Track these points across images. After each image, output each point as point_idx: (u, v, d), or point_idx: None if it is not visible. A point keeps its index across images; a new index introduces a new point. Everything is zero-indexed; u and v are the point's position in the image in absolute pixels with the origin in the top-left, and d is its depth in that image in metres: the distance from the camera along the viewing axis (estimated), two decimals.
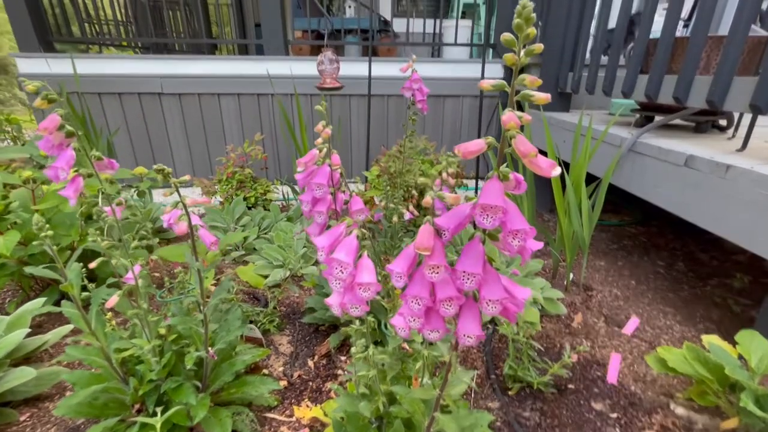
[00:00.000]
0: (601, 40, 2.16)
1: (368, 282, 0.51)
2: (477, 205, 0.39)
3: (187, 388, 0.84)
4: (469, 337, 0.47)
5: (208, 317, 0.84)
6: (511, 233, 0.41)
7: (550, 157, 1.85)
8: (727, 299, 1.72)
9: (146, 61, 3.25)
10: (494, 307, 0.45)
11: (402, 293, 0.47)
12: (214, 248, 0.75)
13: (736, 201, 1.29)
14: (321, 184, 0.67)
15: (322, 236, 0.54)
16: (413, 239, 0.50)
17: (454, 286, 0.45)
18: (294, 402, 1.11)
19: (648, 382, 1.25)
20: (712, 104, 1.47)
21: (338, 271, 0.51)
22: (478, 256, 0.43)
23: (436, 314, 0.48)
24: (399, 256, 0.48)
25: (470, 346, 0.47)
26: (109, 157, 0.80)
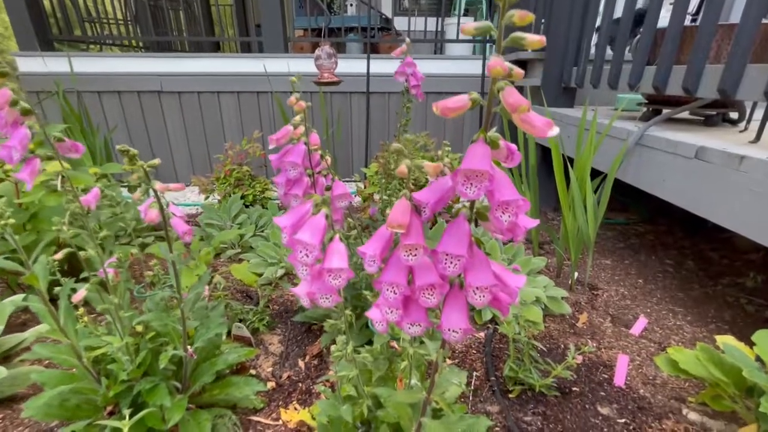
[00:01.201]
0: (606, 33, 2.10)
1: (338, 268, 0.45)
2: (459, 171, 0.34)
3: (162, 389, 0.79)
4: (454, 332, 0.41)
5: (185, 313, 0.79)
6: (499, 206, 0.35)
7: (554, 154, 1.79)
8: (740, 299, 1.65)
9: (146, 60, 3.23)
10: (482, 295, 0.39)
11: (376, 280, 0.41)
12: (187, 238, 0.70)
13: (751, 194, 1.22)
14: (295, 163, 0.61)
15: (284, 215, 0.48)
16: None
17: (436, 271, 0.39)
18: (281, 404, 1.05)
19: (658, 385, 1.18)
20: (724, 93, 1.41)
21: (303, 254, 0.45)
22: (463, 236, 0.37)
23: (416, 305, 0.42)
24: (372, 237, 0.42)
25: (457, 341, 0.41)
26: (106, 155, 0.75)
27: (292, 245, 0.45)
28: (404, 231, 0.37)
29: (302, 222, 0.47)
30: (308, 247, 0.44)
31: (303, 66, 3.14)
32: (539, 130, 0.31)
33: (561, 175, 1.71)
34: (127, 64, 3.20)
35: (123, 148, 0.58)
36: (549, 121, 0.30)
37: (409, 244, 0.38)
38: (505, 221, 0.35)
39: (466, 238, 0.38)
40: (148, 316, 0.79)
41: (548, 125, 0.30)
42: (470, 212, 0.38)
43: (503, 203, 0.35)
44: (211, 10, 5.85)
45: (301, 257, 0.45)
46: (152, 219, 0.64)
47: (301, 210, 0.48)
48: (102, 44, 4.18)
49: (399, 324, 0.44)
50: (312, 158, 0.63)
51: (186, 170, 3.45)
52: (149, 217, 0.64)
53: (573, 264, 1.69)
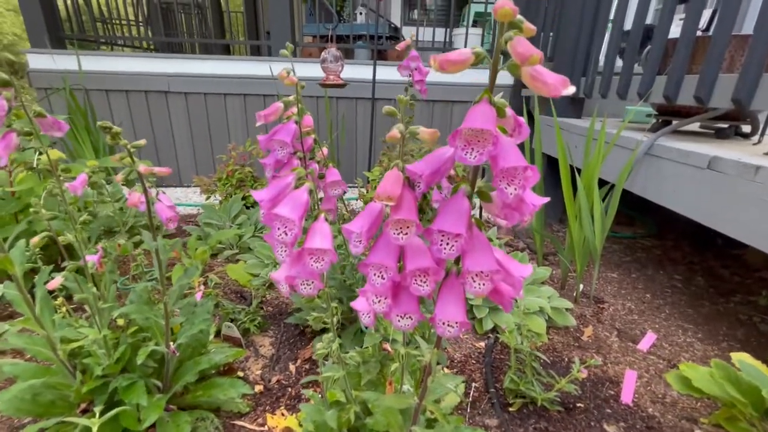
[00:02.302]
0: (616, 43, 2.07)
1: (320, 248, 0.41)
2: (458, 132, 0.30)
3: (139, 386, 0.74)
4: (449, 326, 0.37)
5: (169, 307, 0.74)
6: (504, 175, 0.31)
7: (561, 162, 1.75)
8: (753, 317, 1.58)
9: (154, 60, 3.25)
10: (482, 283, 0.34)
11: (361, 262, 0.37)
12: (171, 225, 0.67)
13: (766, 205, 1.17)
14: (284, 142, 0.57)
15: (264, 189, 0.44)
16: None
17: (430, 254, 0.35)
18: (268, 409, 1.00)
19: (668, 404, 1.11)
20: (738, 103, 1.36)
21: (281, 232, 0.41)
22: (462, 213, 0.33)
23: (407, 293, 0.38)
24: (360, 214, 0.38)
25: (452, 337, 0.37)
26: (110, 152, 0.72)
27: (270, 221, 0.41)
28: (394, 204, 0.33)
29: (282, 196, 0.43)
30: (287, 223, 0.40)
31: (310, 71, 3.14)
32: (552, 87, 0.27)
33: (568, 183, 1.67)
34: (135, 64, 3.22)
35: (104, 124, 0.54)
36: (564, 79, 0.27)
37: (400, 220, 0.34)
38: (510, 194, 0.31)
39: (465, 215, 0.33)
40: (128, 308, 0.75)
41: (563, 83, 0.27)
42: (471, 189, 0.34)
43: (509, 171, 0.31)
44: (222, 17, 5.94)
45: (279, 235, 0.41)
46: (134, 203, 0.60)
47: (281, 183, 0.44)
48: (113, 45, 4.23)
49: (387, 315, 0.39)
50: (304, 142, 0.60)
51: (190, 171, 3.45)
52: (132, 201, 0.60)
53: (578, 275, 1.64)
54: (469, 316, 1.42)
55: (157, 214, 0.65)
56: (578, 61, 2.41)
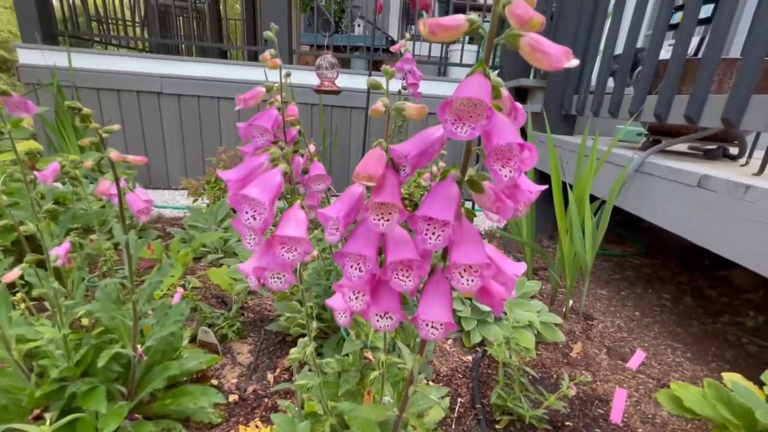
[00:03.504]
0: (608, 64, 2.11)
1: (293, 236, 0.37)
2: (449, 102, 0.27)
3: (99, 392, 0.69)
4: (434, 328, 0.34)
5: (138, 306, 0.70)
6: (498, 155, 0.28)
7: (553, 176, 1.75)
8: (741, 338, 1.57)
9: (147, 60, 3.22)
10: (470, 279, 0.31)
11: (337, 252, 0.34)
12: (144, 218, 0.62)
13: (756, 225, 1.17)
14: (264, 128, 0.53)
15: (232, 170, 0.40)
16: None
17: (414, 246, 0.32)
18: (242, 421, 0.94)
19: (657, 424, 1.08)
20: (727, 123, 1.38)
21: (249, 216, 0.37)
22: (450, 200, 0.30)
23: (388, 290, 0.34)
24: (339, 198, 0.35)
25: (436, 339, 0.33)
26: (97, 149, 0.68)
27: (237, 204, 0.37)
28: (375, 185, 0.30)
29: (253, 177, 0.39)
30: (256, 206, 0.37)
31: (306, 79, 3.14)
32: (554, 58, 0.24)
33: (560, 198, 1.66)
34: (127, 63, 3.18)
35: (73, 104, 0.51)
36: (566, 50, 0.24)
37: (381, 203, 0.31)
38: (504, 177, 0.28)
39: (454, 202, 0.30)
40: (92, 306, 0.70)
41: (566, 54, 0.24)
42: (461, 175, 0.32)
43: (503, 150, 0.28)
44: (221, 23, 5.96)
45: (247, 219, 0.37)
46: (103, 191, 0.56)
47: (252, 163, 0.40)
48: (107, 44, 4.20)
49: (365, 314, 0.36)
50: (288, 133, 0.57)
51: (179, 173, 3.39)
52: (100, 189, 0.56)
53: (568, 290, 1.62)
54: (457, 328, 1.38)
55: (129, 205, 0.61)
56: (571, 79, 2.44)
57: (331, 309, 0.40)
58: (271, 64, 0.53)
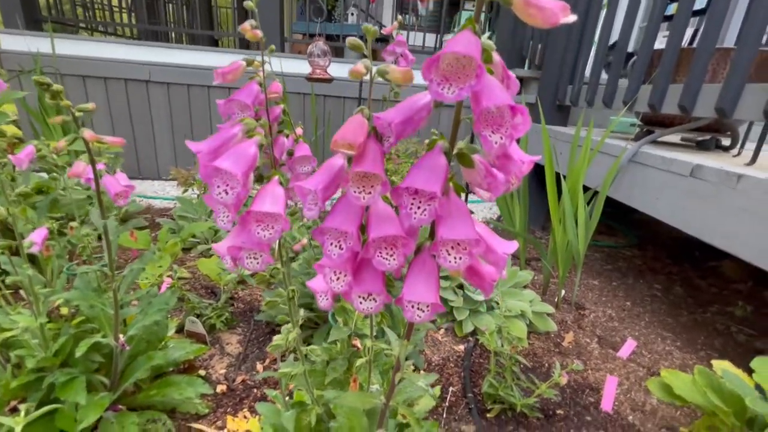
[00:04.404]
0: (603, 55, 2.09)
1: (269, 212, 0.35)
2: (437, 58, 0.25)
3: (79, 383, 0.66)
4: (419, 309, 0.32)
5: (118, 294, 0.67)
6: (488, 118, 0.26)
7: (546, 166, 1.73)
8: (730, 327, 1.58)
9: (135, 47, 3.14)
10: (458, 257, 0.29)
11: (316, 228, 0.32)
12: (122, 202, 0.60)
13: (747, 214, 1.17)
14: (244, 104, 0.50)
15: (203, 141, 0.38)
16: None
17: (399, 222, 0.30)
18: (230, 411, 0.92)
19: (647, 412, 1.08)
20: (721, 112, 1.37)
21: (221, 190, 0.35)
22: (438, 171, 0.28)
23: (371, 269, 0.32)
24: (318, 170, 0.33)
25: (422, 321, 0.32)
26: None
27: (208, 177, 0.35)
28: (356, 153, 0.28)
29: (225, 148, 0.37)
30: (229, 179, 0.34)
31: (298, 67, 3.09)
32: (549, 14, 0.22)
33: (553, 187, 1.65)
34: (114, 50, 3.10)
35: (41, 80, 0.48)
36: (564, 4, 0.22)
37: (363, 174, 0.29)
38: (495, 144, 0.26)
39: (442, 174, 0.29)
40: (70, 294, 0.67)
41: (563, 9, 0.22)
42: (449, 146, 0.30)
43: (493, 114, 0.26)
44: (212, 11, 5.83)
45: (219, 194, 0.35)
46: (78, 173, 0.54)
47: (225, 134, 0.38)
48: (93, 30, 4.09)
49: (347, 295, 0.34)
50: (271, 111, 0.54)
51: (169, 163, 3.33)
52: (74, 171, 0.54)
53: (560, 280, 1.62)
54: (449, 318, 1.38)
55: (105, 189, 0.58)
56: (566, 70, 2.42)
57: (313, 292, 0.38)
58: (251, 35, 0.50)
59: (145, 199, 2.77)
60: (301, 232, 1.20)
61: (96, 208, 0.60)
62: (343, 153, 0.29)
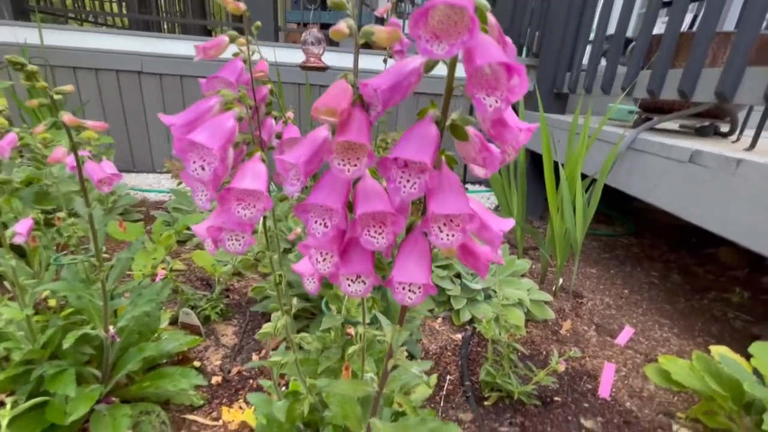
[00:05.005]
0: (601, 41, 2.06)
1: (250, 189, 0.33)
2: (424, 10, 0.23)
3: (68, 375, 0.65)
4: (411, 291, 0.30)
5: (107, 285, 0.65)
6: (481, 79, 0.24)
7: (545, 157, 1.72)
8: (727, 314, 1.59)
9: (126, 38, 3.08)
10: (450, 234, 0.28)
11: (298, 204, 0.30)
12: (106, 189, 0.58)
13: (746, 199, 1.16)
14: (227, 82, 0.48)
15: (178, 114, 0.36)
16: None
17: (388, 198, 0.28)
18: (225, 402, 0.91)
19: (645, 398, 1.08)
20: (721, 96, 1.35)
21: (196, 166, 0.33)
22: (428, 141, 0.27)
23: (359, 249, 0.31)
24: (300, 142, 0.31)
25: (413, 304, 0.30)
26: (85, 135, 0.62)
27: (183, 152, 0.33)
28: (339, 121, 0.26)
29: (201, 121, 0.35)
30: (205, 154, 0.32)
31: (292, 57, 3.04)
32: None
33: (551, 176, 1.63)
34: (105, 41, 3.04)
35: (13, 59, 0.45)
36: None
37: (347, 143, 0.27)
38: (489, 107, 0.25)
39: (432, 144, 0.27)
40: (56, 285, 0.65)
41: None
42: (442, 116, 0.28)
43: (487, 75, 0.24)
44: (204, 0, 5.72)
45: (195, 170, 0.33)
46: (58, 158, 0.52)
47: (202, 106, 0.36)
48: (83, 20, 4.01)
49: (334, 278, 0.32)
50: (257, 91, 0.52)
51: (163, 156, 3.29)
52: (54, 156, 0.52)
53: (558, 268, 1.61)
54: (447, 307, 1.37)
55: (88, 175, 0.56)
56: (564, 57, 2.39)
57: (300, 275, 0.37)
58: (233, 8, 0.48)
59: (139, 192, 2.75)
60: (296, 222, 1.19)
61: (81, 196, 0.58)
62: (325, 121, 0.27)
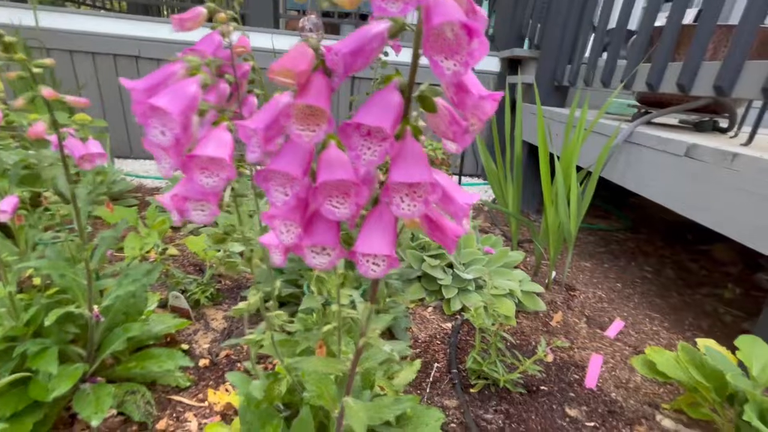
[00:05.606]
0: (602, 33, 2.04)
1: (213, 157, 0.32)
2: None
3: (51, 353, 0.65)
4: (374, 264, 0.30)
5: (90, 264, 0.65)
6: (440, 40, 0.23)
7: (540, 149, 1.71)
8: (718, 309, 1.59)
9: (124, 22, 3.05)
10: (412, 204, 0.27)
11: (258, 172, 0.30)
12: (87, 166, 0.57)
13: (742, 194, 1.15)
14: (204, 55, 0.48)
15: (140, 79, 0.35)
16: None
17: (352, 168, 0.28)
18: (212, 385, 0.92)
19: (631, 389, 1.09)
20: (720, 90, 1.34)
21: (157, 132, 0.32)
22: (390, 108, 0.26)
23: (323, 220, 0.30)
24: (261, 109, 0.30)
25: (377, 276, 0.30)
26: (71, 113, 0.61)
27: (143, 117, 0.32)
28: (297, 83, 0.25)
29: (163, 86, 0.34)
30: (165, 119, 0.32)
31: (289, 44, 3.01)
32: None
33: (546, 168, 1.62)
34: (103, 25, 3.01)
35: None
36: None
37: (306, 107, 0.26)
38: (447, 71, 0.24)
39: (394, 111, 0.26)
40: (39, 263, 0.65)
41: None
42: (407, 85, 0.27)
43: (446, 36, 0.23)
44: None
45: (155, 135, 0.32)
46: (37, 133, 0.51)
47: (164, 71, 0.35)
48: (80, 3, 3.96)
49: (298, 249, 0.32)
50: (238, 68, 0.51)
51: None
52: (34, 131, 0.51)
53: (551, 260, 1.61)
54: (438, 296, 1.37)
55: (69, 152, 0.56)
56: (564, 49, 2.37)
57: (266, 248, 0.37)
58: None
59: (136, 178, 2.74)
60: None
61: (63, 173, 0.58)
62: (281, 83, 0.26)
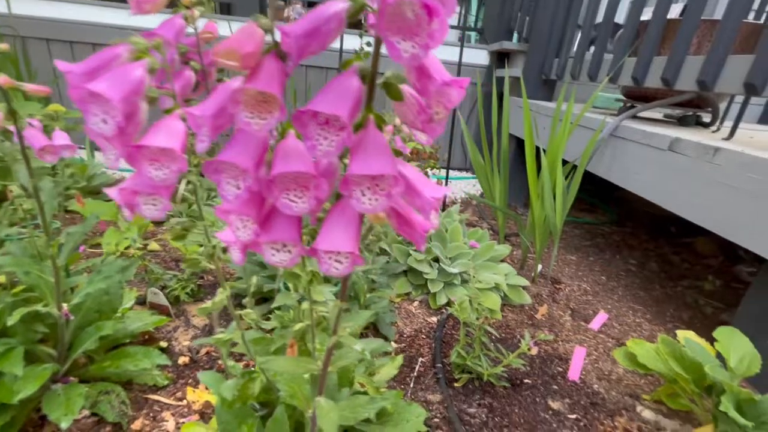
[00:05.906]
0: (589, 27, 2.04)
1: (162, 147, 0.30)
2: None
3: (16, 354, 0.63)
4: (336, 261, 0.29)
5: (58, 261, 0.63)
6: (395, 18, 0.22)
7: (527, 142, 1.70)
8: (699, 300, 1.62)
9: (104, 9, 2.95)
10: (374, 198, 0.26)
11: (206, 163, 0.28)
12: (49, 158, 0.55)
13: (724, 188, 1.16)
14: (165, 40, 0.45)
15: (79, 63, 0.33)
16: None
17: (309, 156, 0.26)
18: (191, 383, 0.90)
19: (613, 380, 1.10)
20: (703, 85, 1.35)
21: (98, 119, 0.30)
22: (347, 94, 0.24)
23: (282, 216, 0.29)
24: (209, 95, 0.28)
25: (340, 275, 0.28)
26: (45, 104, 0.57)
27: (82, 103, 0.30)
28: (247, 66, 0.24)
29: (105, 71, 0.32)
30: (106, 106, 0.30)
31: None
32: None
33: (533, 162, 1.62)
34: (81, 12, 2.91)
35: None
36: None
37: (255, 92, 0.24)
38: (404, 53, 0.22)
39: (352, 97, 0.25)
40: (1, 260, 0.62)
41: None
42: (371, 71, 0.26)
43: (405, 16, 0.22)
44: None
45: (95, 123, 0.30)
46: None
47: (106, 54, 0.33)
48: None
49: (255, 245, 0.30)
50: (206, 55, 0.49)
51: None
52: None
53: (537, 254, 1.62)
54: (424, 291, 1.37)
55: (28, 143, 0.53)
56: (552, 43, 2.37)
57: (223, 243, 0.35)
58: None
59: (119, 171, 2.67)
60: None
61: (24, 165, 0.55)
62: (225, 65, 0.24)
